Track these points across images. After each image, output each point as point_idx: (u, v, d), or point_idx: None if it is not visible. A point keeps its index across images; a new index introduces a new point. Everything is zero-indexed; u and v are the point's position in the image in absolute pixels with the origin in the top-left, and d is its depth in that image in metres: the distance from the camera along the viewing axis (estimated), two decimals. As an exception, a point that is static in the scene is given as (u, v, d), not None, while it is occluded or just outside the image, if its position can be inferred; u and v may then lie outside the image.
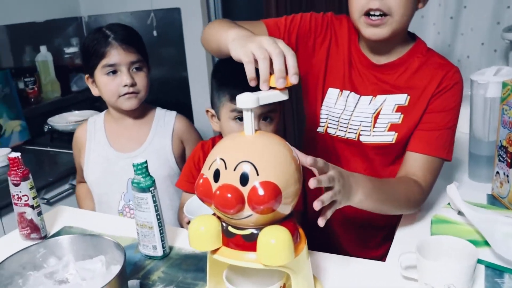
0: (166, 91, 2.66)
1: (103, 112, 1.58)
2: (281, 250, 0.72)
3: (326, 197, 0.81)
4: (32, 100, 2.47)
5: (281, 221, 0.76)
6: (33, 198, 1.17)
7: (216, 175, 0.74)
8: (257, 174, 0.71)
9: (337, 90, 1.23)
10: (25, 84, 2.44)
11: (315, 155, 1.31)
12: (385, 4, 1.06)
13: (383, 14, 1.07)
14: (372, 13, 1.08)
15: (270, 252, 0.72)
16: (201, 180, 0.76)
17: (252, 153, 0.74)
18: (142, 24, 2.61)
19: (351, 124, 1.21)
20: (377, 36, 1.11)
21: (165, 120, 1.53)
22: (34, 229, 1.19)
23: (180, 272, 1.03)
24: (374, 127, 1.19)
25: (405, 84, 1.17)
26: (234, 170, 0.72)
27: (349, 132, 1.22)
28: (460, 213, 1.11)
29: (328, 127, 1.25)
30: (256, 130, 0.79)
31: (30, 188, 1.16)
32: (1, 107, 2.18)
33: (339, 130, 1.23)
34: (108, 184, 1.48)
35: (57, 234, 1.23)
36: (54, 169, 2.09)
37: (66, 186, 2.02)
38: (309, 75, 1.27)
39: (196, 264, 1.05)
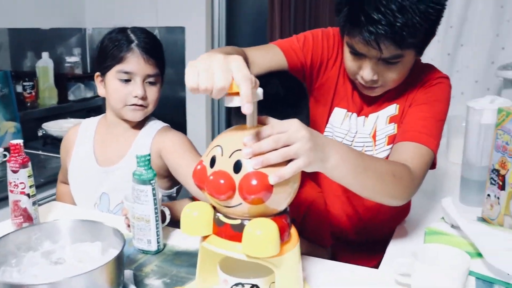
0: (162, 109, 2.66)
1: (99, 116, 1.49)
2: (266, 242, 0.72)
3: (288, 169, 0.73)
4: (28, 104, 2.46)
5: (273, 216, 0.77)
6: (30, 187, 1.17)
7: (213, 161, 0.76)
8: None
9: (344, 111, 1.23)
10: (23, 88, 2.45)
11: (316, 176, 1.29)
12: (377, 80, 1.09)
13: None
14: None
15: (254, 243, 0.72)
16: (199, 166, 0.78)
17: None
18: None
19: (354, 146, 1.20)
20: (371, 94, 1.16)
21: (148, 132, 1.40)
22: (27, 218, 1.18)
23: (173, 267, 1.03)
24: (375, 146, 1.20)
25: (394, 96, 1.19)
26: (230, 157, 0.74)
27: None
28: (453, 227, 1.13)
29: None
30: (258, 125, 0.79)
31: (28, 176, 1.16)
32: (-2, 107, 2.17)
33: None
34: (84, 192, 1.44)
35: (50, 225, 1.22)
36: (43, 172, 2.07)
37: (54, 191, 1.99)
38: (318, 93, 1.25)
39: (189, 260, 1.05)
